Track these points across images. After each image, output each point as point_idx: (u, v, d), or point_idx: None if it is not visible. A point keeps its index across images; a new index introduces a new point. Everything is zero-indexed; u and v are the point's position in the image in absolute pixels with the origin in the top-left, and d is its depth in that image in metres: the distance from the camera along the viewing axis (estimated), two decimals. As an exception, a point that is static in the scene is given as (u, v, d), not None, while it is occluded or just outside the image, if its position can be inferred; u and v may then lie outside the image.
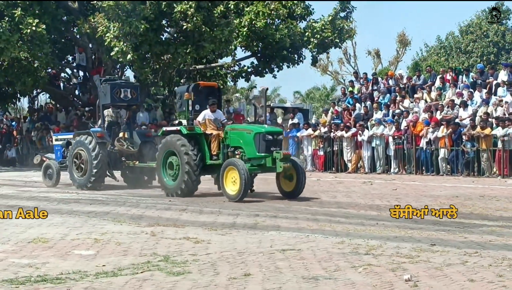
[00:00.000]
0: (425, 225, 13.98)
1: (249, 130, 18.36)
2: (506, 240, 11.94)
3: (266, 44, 36.91)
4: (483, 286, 8.35)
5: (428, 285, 8.44)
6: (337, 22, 37.77)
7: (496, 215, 15.33)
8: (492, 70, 36.25)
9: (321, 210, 16.62)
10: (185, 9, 32.34)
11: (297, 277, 8.87)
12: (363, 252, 10.71)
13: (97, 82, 23.63)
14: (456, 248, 11.08)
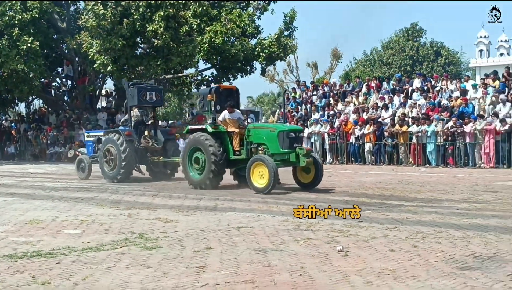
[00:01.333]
0: (351, 204, 14.07)
1: (273, 128, 17.40)
2: (420, 217, 12.09)
3: (224, 57, 36.94)
4: (401, 254, 8.45)
5: (356, 254, 8.52)
6: (281, 40, 37.84)
7: (411, 197, 15.51)
8: (408, 78, 36.91)
9: (269, 195, 16.67)
10: (156, 28, 32.47)
11: (249, 249, 8.90)
12: (304, 228, 10.76)
13: (125, 86, 21.97)
14: (379, 224, 11.18)
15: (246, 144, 17.18)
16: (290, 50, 39.62)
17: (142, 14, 32.86)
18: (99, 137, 22.55)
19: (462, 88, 30.30)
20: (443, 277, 7.17)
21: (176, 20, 33.26)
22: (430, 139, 26.81)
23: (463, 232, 10.20)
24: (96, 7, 32.21)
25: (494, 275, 7.21)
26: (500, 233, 10.02)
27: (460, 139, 26.28)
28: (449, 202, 14.67)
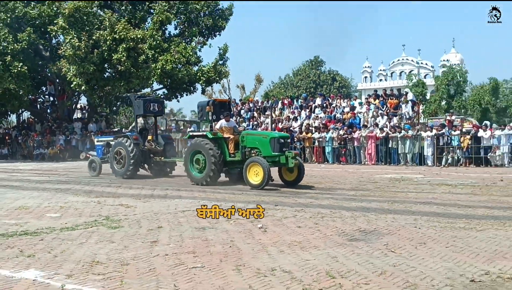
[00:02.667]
0: (271, 192, 14.16)
1: (265, 135, 16.39)
2: (320, 202, 12.21)
3: (173, 80, 36.72)
4: (306, 230, 8.51)
5: (273, 230, 8.55)
6: (217, 67, 37.89)
7: (314, 187, 15.70)
8: (312, 97, 37.28)
9: (208, 186, 16.58)
10: (120, 57, 32.29)
11: (191, 227, 8.82)
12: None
13: (132, 98, 20.74)
14: (290, 207, 11.25)
15: (241, 148, 16.18)
16: (224, 75, 39.73)
17: (109, 46, 32.59)
18: (108, 141, 21.21)
19: (351, 105, 30.95)
20: (337, 246, 7.27)
21: (135, 51, 33.19)
22: (328, 143, 27.24)
23: (352, 212, 10.37)
24: (73, 40, 31.79)
25: (374, 244, 7.36)
26: (378, 213, 10.23)
27: (350, 143, 26.77)
28: (342, 190, 14.88)
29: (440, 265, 6.16)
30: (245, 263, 6.39)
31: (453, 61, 72.28)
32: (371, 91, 41.24)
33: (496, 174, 18.92)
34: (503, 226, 8.62)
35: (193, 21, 39.04)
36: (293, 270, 6.06)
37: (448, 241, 7.47)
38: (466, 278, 5.64)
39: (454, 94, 51.03)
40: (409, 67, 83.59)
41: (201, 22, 39.04)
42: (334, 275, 5.84)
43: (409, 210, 10.73)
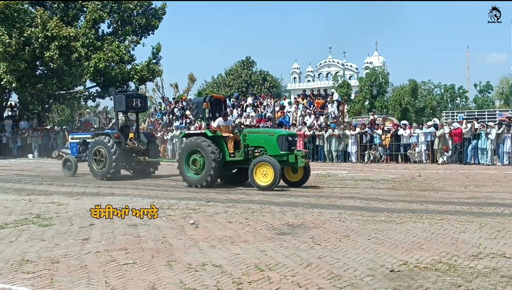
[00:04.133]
0: (204, 190, 14.11)
1: (271, 133, 15.01)
2: (251, 198, 12.28)
3: (106, 78, 35.82)
4: (237, 225, 8.54)
5: (204, 226, 8.53)
6: (150, 66, 37.31)
7: (247, 183, 15.76)
8: (244, 97, 37.38)
9: (140, 182, 16.34)
10: (52, 55, 31.28)
11: (124, 224, 8.68)
12: (166, 207, 10.63)
13: (112, 93, 18.74)
14: (221, 203, 11.26)
15: (244, 147, 14.72)
16: (157, 73, 39.15)
17: (41, 44, 31.54)
18: (84, 139, 19.57)
19: (281, 104, 31.22)
20: (266, 240, 7.33)
21: (68, 49, 32.26)
22: (259, 141, 27.32)
23: (280, 207, 10.48)
24: (3, 37, 30.55)
25: (301, 238, 7.47)
26: (306, 208, 10.39)
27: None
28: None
29: (362, 257, 6.32)
30: (177, 259, 6.34)
31: (375, 63, 74.29)
32: (300, 91, 41.81)
33: (414, 170, 19.60)
34: (420, 219, 8.93)
35: (126, 20, 38.26)
36: (224, 264, 6.06)
37: (370, 234, 7.67)
38: (386, 268, 5.81)
39: (377, 94, 52.54)
40: (335, 68, 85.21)
41: (135, 21, 38.32)
42: (263, 268, 5.88)
43: (334, 204, 10.95)
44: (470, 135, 22.74)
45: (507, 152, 21.90)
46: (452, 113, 39.97)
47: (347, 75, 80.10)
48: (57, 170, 20.22)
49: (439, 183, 15.07)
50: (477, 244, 6.87)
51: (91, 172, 17.68)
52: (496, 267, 5.75)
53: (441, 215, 9.20)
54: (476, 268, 5.73)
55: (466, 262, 5.99)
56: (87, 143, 18.87)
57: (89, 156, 17.67)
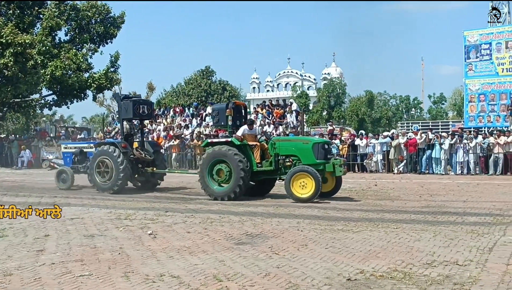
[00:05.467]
0: (162, 199, 13.98)
1: (306, 141, 14.21)
2: (210, 207, 12.23)
3: (63, 86, 35.11)
4: (195, 235, 8.47)
5: (162, 236, 8.44)
6: (109, 74, 36.80)
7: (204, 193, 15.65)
8: (203, 106, 37.26)
9: (97, 192, 16.04)
10: (7, 62, 30.49)
11: (80, 235, 8.50)
12: (123, 217, 10.48)
13: (117, 99, 17.41)
14: (180, 213, 11.17)
15: (274, 156, 13.79)
16: (115, 82, 38.63)
17: (-5, 50, 30.67)
18: (81, 149, 17.93)
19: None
20: (224, 250, 7.29)
21: (23, 56, 31.47)
22: (218, 150, 27.26)
23: (239, 217, 10.46)
24: (-45, 42, 29.56)
25: (259, 247, 7.46)
26: (264, 217, 10.40)
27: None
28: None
29: (320, 266, 6.36)
30: (134, 270, 6.24)
31: (333, 74, 75.27)
32: (259, 101, 42.02)
33: (371, 179, 19.89)
34: (376, 227, 9.05)
35: (84, 28, 37.66)
36: (182, 275, 6.00)
37: (327, 243, 7.73)
38: (343, 277, 5.86)
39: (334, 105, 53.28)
40: (294, 79, 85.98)
41: (93, 29, 37.76)
42: (221, 278, 5.85)
43: (292, 213, 11.00)
44: (424, 145, 23.27)
45: (459, 162, 22.47)
46: (407, 124, 40.84)
47: (305, 85, 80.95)
48: (11, 180, 19.68)
49: (394, 192, 15.33)
50: (431, 252, 7.00)
51: (94, 185, 16.14)
52: (449, 274, 5.87)
53: (397, 224, 9.35)
54: (430, 276, 5.84)
55: (420, 270, 6.10)
56: (85, 153, 17.61)
57: (92, 168, 16.05)
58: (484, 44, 28.13)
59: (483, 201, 12.83)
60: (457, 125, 32.74)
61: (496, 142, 21.69)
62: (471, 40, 28.49)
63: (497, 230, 8.57)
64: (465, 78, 28.98)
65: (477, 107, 28.35)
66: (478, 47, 28.26)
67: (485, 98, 28.07)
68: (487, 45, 28.05)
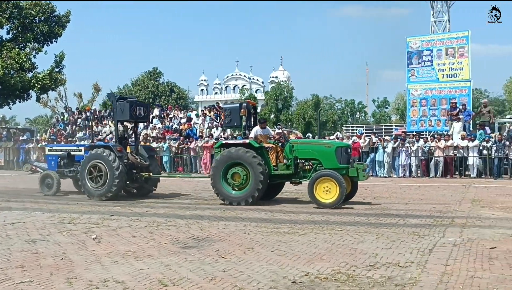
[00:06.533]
0: (108, 203, 13.73)
1: (328, 144, 13.51)
2: (156, 211, 12.10)
3: (4, 86, 34.12)
4: (141, 239, 8.36)
5: (107, 240, 8.28)
6: (53, 74, 35.94)
7: (149, 195, 15.46)
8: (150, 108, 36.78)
9: (39, 195, 15.57)
10: None
11: (21, 240, 8.24)
12: (67, 221, 10.24)
13: (112, 99, 16.03)
14: (126, 216, 11.01)
15: (293, 159, 13.21)
16: (60, 82, 37.74)
17: None
18: (68, 152, 16.63)
19: (188, 116, 31.11)
20: (170, 254, 7.22)
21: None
22: (165, 153, 27.01)
23: (186, 220, 10.39)
24: None
25: (206, 251, 7.42)
26: (211, 221, 10.36)
27: (186, 153, 26.83)
28: (178, 198, 14.87)
29: (265, 269, 6.38)
30: (77, 275, 6.09)
31: (281, 78, 75.93)
32: (207, 103, 41.90)
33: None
34: (321, 229, 9.17)
35: (27, 27, 36.61)
36: (126, 280, 5.90)
37: (273, 245, 7.77)
38: (289, 280, 5.90)
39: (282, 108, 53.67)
40: (242, 82, 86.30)
41: (36, 28, 36.75)
42: (167, 283, 5.78)
43: (239, 217, 11.01)
44: (368, 148, 23.75)
45: (402, 165, 23.05)
46: (352, 127, 41.55)
47: (253, 88, 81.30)
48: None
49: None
50: (374, 254, 7.15)
51: (85, 191, 14.94)
52: (391, 276, 6.00)
53: (341, 226, 9.50)
54: (373, 277, 5.95)
55: (363, 272, 6.21)
56: (73, 156, 16.51)
57: (83, 173, 14.89)
58: (426, 50, 28.99)
59: (424, 203, 13.19)
60: (400, 129, 33.54)
61: (436, 146, 22.37)
62: (414, 47, 29.30)
63: (437, 232, 8.83)
64: (408, 83, 29.77)
65: (419, 112, 29.16)
66: (420, 53, 29.10)
67: (427, 103, 28.91)
68: (428, 52, 28.92)
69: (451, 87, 28.33)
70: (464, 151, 21.82)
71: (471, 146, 21.64)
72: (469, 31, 28.24)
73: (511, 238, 8.17)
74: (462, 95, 27.82)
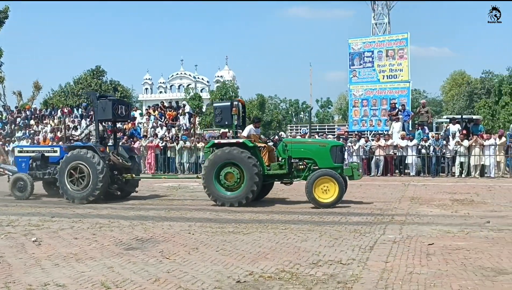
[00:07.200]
0: (49, 204, 13.36)
1: (323, 143, 13.39)
2: (99, 212, 11.90)
3: None
4: (83, 241, 8.20)
5: (48, 243, 8.07)
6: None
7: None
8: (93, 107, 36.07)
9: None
10: None
11: (-45, 244, 7.91)
12: (5, 224, 9.94)
13: (93, 98, 15.17)
14: (67, 218, 10.78)
15: (287, 159, 12.88)
16: (-3, 80, 36.50)
17: None
18: (42, 153, 15.45)
19: (132, 115, 30.59)
20: (113, 256, 7.10)
21: None
22: (108, 152, 26.45)
23: (130, 221, 10.25)
24: None
25: (150, 252, 7.34)
26: (156, 221, 10.26)
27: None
28: (121, 200, 14.57)
29: (210, 269, 6.36)
30: (16, 280, 5.90)
31: (226, 77, 75.94)
32: (152, 102, 41.42)
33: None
34: (266, 228, 9.22)
35: (-38, 22, 35.26)
36: (68, 283, 5.75)
37: (218, 245, 7.76)
38: (233, 279, 5.90)
39: (227, 108, 53.66)
40: (187, 81, 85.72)
41: (-28, 24, 35.44)
42: (109, 285, 5.68)
43: (184, 217, 10.94)
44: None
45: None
46: (296, 127, 42.01)
47: (198, 87, 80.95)
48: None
49: (284, 193, 15.67)
50: (317, 252, 7.24)
51: (64, 194, 14.07)
52: (333, 273, 6.10)
53: (285, 225, 9.58)
54: (316, 275, 6.03)
55: (307, 270, 6.28)
56: (47, 157, 15.43)
57: (62, 175, 14.04)
58: (367, 52, 29.63)
59: (365, 201, 13.46)
60: (342, 128, 34.14)
61: (377, 145, 22.89)
62: (355, 48, 29.89)
63: (377, 229, 9.03)
64: (350, 84, 30.34)
65: (361, 112, 29.78)
66: (361, 54, 29.71)
67: (368, 103, 29.55)
68: (369, 53, 29.57)
69: (391, 88, 29.07)
70: (404, 150, 22.41)
71: (410, 145, 22.26)
72: (408, 33, 29.05)
73: (447, 234, 8.45)
74: (401, 95, 28.60)
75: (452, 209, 11.55)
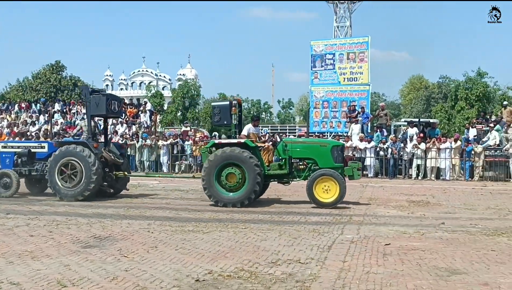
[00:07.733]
0: (3, 200, 13.03)
1: (323, 143, 13.29)
2: (56, 209, 11.68)
3: None
4: (39, 239, 8.03)
5: (2, 240, 7.93)
6: None
7: (48, 193, 14.84)
8: (52, 102, 35.32)
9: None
10: None
11: None
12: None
13: (85, 92, 14.55)
14: (23, 215, 10.53)
15: (288, 159, 12.77)
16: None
17: None
18: (29, 148, 14.71)
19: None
20: (70, 254, 6.97)
21: None
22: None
23: (88, 219, 10.09)
24: None
25: (108, 250, 7.24)
26: (114, 219, 10.13)
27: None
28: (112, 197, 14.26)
29: (169, 267, 6.31)
30: (-32, 278, 5.73)
31: (188, 75, 75.48)
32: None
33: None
34: (226, 227, 9.21)
35: None
36: (22, 281, 5.62)
37: (177, 244, 7.71)
38: (192, 278, 5.87)
39: (189, 106, 53.33)
40: (149, 78, 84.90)
41: None
42: (66, 283, 5.57)
43: (143, 215, 10.84)
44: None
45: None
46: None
47: (160, 85, 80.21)
48: None
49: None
50: (276, 251, 7.28)
51: (55, 192, 13.62)
52: (292, 272, 6.13)
53: (245, 224, 9.59)
54: (275, 274, 6.06)
55: (266, 269, 6.30)
56: (34, 153, 14.74)
57: (52, 172, 13.58)
58: (329, 54, 29.97)
59: (324, 201, 13.57)
60: (303, 129, 34.43)
61: (337, 146, 23.13)
62: (317, 50, 30.19)
63: (336, 229, 9.14)
64: (311, 85, 30.62)
65: (321, 113, 30.09)
66: (323, 56, 30.03)
67: (328, 105, 29.89)
68: (331, 56, 29.92)
69: (352, 90, 29.48)
70: (362, 152, 22.73)
71: (369, 147, 22.59)
72: (369, 37, 29.52)
73: (404, 235, 8.61)
74: (361, 98, 29.02)
75: (408, 211, 11.78)
